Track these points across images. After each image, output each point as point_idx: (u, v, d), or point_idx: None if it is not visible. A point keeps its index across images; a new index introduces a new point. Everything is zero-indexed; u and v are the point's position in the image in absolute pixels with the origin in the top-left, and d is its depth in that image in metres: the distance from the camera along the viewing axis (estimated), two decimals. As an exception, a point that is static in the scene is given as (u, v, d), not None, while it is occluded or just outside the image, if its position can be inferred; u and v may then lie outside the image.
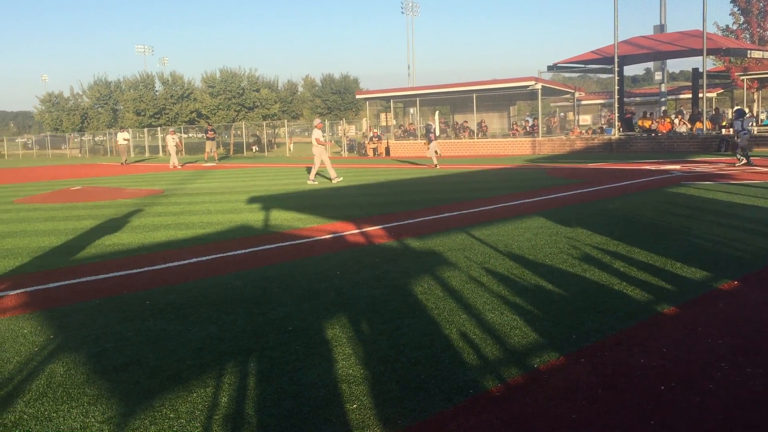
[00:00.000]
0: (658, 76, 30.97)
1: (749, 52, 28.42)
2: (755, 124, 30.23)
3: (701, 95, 26.33)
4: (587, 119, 44.25)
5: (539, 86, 29.64)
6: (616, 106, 28.04)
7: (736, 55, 30.33)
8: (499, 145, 30.78)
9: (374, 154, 33.55)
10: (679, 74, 69.42)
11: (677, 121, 27.77)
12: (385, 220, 9.43)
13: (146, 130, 48.67)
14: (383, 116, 40.78)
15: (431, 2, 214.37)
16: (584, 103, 43.70)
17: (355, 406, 3.21)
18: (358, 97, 39.96)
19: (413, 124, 36.28)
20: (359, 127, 45.00)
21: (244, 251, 7.42)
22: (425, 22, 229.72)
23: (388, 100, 36.71)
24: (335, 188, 15.14)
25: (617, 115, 27.84)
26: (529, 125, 33.55)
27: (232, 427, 3.04)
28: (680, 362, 3.62)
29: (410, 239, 7.69)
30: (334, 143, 38.30)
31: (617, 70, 27.26)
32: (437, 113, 25.19)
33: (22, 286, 6.03)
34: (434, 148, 21.96)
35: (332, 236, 8.22)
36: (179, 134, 41.09)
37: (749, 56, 29.22)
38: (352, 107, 53.28)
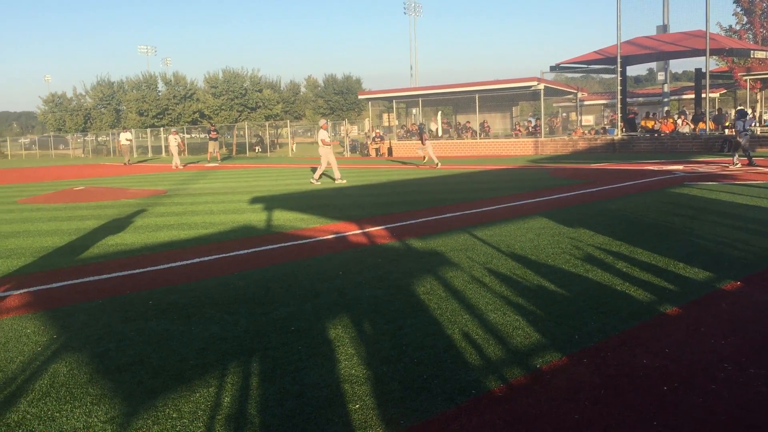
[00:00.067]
0: (660, 76, 30.97)
1: (752, 52, 28.40)
2: (758, 124, 30.18)
3: (704, 95, 26.29)
4: (590, 119, 44.27)
5: (542, 86, 29.62)
6: (618, 106, 28.01)
7: (739, 55, 30.30)
8: (501, 145, 30.77)
9: (377, 154, 33.55)
10: (682, 74, 69.34)
11: (680, 121, 27.73)
12: (387, 220, 9.43)
13: (149, 130, 48.75)
14: (386, 116, 40.77)
15: (434, 2, 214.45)
16: (587, 103, 43.69)
17: (357, 406, 3.21)
18: (360, 97, 39.99)
19: (415, 124, 36.26)
20: (362, 127, 45.01)
21: (246, 251, 7.43)
22: (428, 22, 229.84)
23: (390, 100, 36.71)
24: (338, 188, 15.15)
25: (620, 115, 27.80)
26: (531, 126, 33.54)
27: (234, 427, 3.05)
28: (683, 363, 3.61)
29: (412, 239, 7.70)
30: (338, 143, 38.35)
31: (620, 70, 27.23)
32: (440, 113, 25.24)
33: (25, 286, 6.04)
34: (428, 147, 22.06)
35: (335, 236, 8.23)
36: (181, 134, 41.18)
37: (752, 56, 29.19)
38: (354, 107, 53.30)
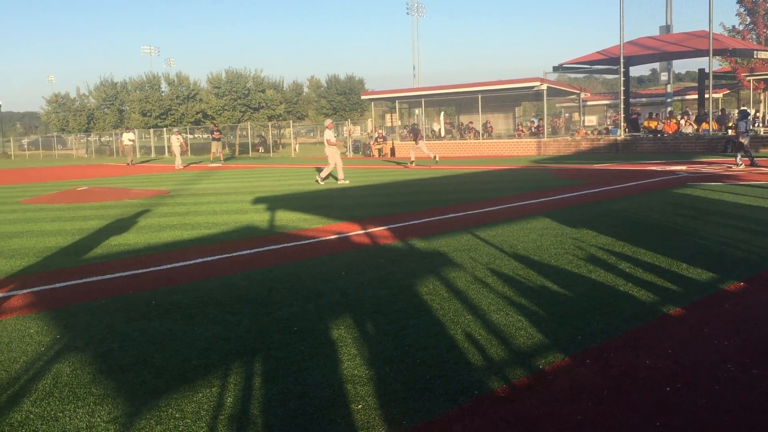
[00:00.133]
0: (664, 76, 30.88)
1: (756, 52, 28.35)
2: (762, 125, 30.13)
3: (707, 96, 26.26)
4: (593, 120, 44.16)
5: (545, 87, 29.59)
6: (621, 106, 27.98)
7: (742, 55, 30.25)
8: (504, 145, 30.75)
9: (379, 154, 33.56)
10: (685, 75, 69.28)
11: (683, 121, 27.69)
12: (390, 220, 9.43)
13: (152, 130, 48.84)
14: (388, 117, 40.76)
15: (436, 3, 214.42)
16: (590, 103, 43.64)
17: (360, 406, 3.21)
18: (363, 97, 40.00)
19: (418, 124, 36.26)
20: (364, 127, 45.00)
21: (249, 252, 7.43)
22: (430, 22, 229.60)
23: (393, 100, 36.72)
24: (340, 189, 15.16)
25: (623, 115, 27.77)
26: (534, 126, 33.53)
27: (237, 427, 3.05)
28: (686, 364, 3.61)
29: (415, 240, 7.69)
30: (342, 143, 38.32)
31: (623, 70, 27.19)
32: (442, 114, 25.27)
33: (28, 286, 6.06)
34: (422, 146, 22.14)
35: (337, 237, 8.23)
36: (184, 135, 41.24)
37: (756, 57, 29.15)
38: (357, 108, 53.38)
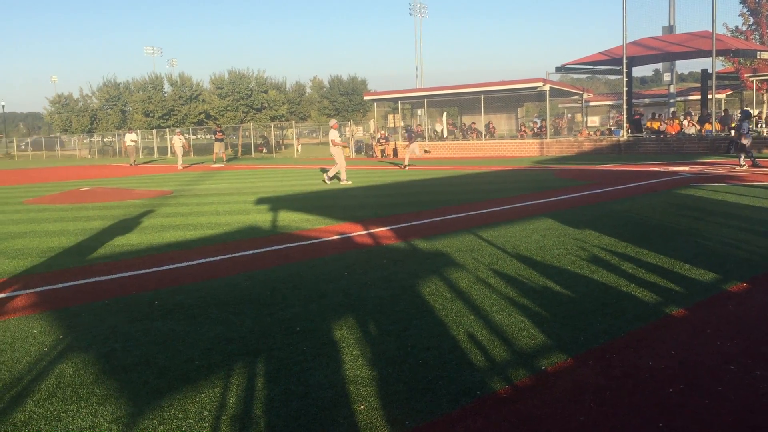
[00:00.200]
0: (666, 77, 30.85)
1: (759, 53, 28.30)
2: (765, 125, 30.06)
3: (710, 96, 26.21)
4: (595, 120, 44.14)
5: (547, 87, 29.57)
6: (624, 107, 27.94)
7: (745, 56, 30.17)
8: (506, 146, 30.73)
9: (382, 155, 33.56)
10: (688, 75, 69.19)
11: (686, 122, 27.65)
12: (392, 221, 9.43)
13: (155, 131, 48.92)
14: (391, 117, 40.81)
15: (439, 3, 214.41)
16: (592, 104, 43.61)
17: (362, 407, 3.22)
18: (365, 98, 39.98)
19: (421, 125, 36.28)
20: (367, 128, 45.03)
21: (252, 252, 7.44)
22: (433, 23, 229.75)
23: (395, 101, 36.74)
24: (343, 189, 15.17)
25: (626, 116, 27.74)
26: (537, 126, 33.47)
27: (239, 427, 3.06)
28: (689, 364, 3.60)
29: (418, 240, 7.69)
30: (346, 144, 38.34)
31: (626, 71, 27.17)
32: (445, 114, 25.25)
33: (31, 286, 6.07)
34: (414, 148, 22.13)
35: (340, 237, 8.24)
36: (186, 135, 41.28)
37: (759, 57, 29.12)
38: (359, 108, 53.37)
